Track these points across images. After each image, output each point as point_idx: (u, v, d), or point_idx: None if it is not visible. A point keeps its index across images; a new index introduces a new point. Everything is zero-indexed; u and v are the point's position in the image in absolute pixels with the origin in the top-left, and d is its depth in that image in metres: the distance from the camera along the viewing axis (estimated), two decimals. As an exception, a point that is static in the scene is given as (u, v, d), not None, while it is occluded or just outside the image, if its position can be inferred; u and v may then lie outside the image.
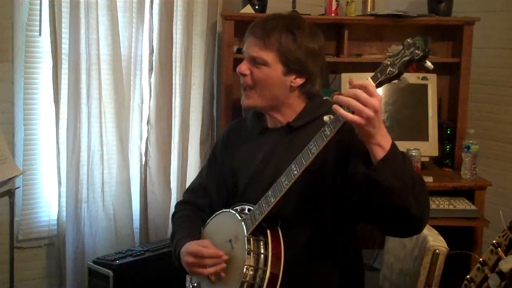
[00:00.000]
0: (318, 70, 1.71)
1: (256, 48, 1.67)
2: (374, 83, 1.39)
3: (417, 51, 1.38)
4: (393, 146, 1.41)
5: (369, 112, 1.34)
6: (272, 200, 1.55)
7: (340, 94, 1.41)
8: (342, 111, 1.36)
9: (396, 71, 1.39)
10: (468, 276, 1.10)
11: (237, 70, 1.72)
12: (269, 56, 1.66)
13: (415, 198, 1.42)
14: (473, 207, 2.82)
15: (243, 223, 1.62)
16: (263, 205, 1.58)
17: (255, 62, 1.68)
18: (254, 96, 1.71)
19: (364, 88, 1.36)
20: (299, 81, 1.69)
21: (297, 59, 1.66)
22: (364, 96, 1.35)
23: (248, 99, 1.72)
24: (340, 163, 1.57)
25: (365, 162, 1.44)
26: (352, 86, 1.38)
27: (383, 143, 1.39)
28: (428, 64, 1.40)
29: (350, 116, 1.35)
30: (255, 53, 1.67)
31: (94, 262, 2.70)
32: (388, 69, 1.39)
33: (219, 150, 1.91)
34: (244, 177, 1.79)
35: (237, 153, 1.84)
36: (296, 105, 1.73)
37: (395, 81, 1.41)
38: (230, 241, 1.67)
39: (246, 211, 1.68)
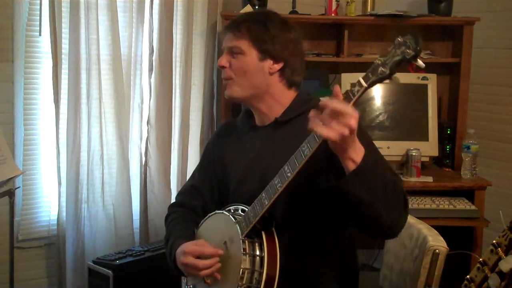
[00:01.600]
0: (297, 59, 1.74)
1: (229, 40, 1.73)
2: (366, 83, 1.37)
3: (408, 51, 1.36)
4: (365, 159, 1.40)
5: (344, 131, 1.32)
6: (266, 203, 1.55)
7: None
8: (319, 129, 1.33)
9: (388, 71, 1.37)
10: (468, 276, 1.10)
11: (217, 64, 1.76)
12: (241, 43, 1.70)
13: (386, 208, 1.44)
14: (473, 207, 2.82)
15: (237, 225, 1.62)
16: (257, 207, 1.58)
17: (232, 52, 1.73)
18: (234, 85, 1.74)
19: (339, 110, 1.32)
20: (277, 66, 1.71)
21: (270, 44, 1.70)
22: (339, 117, 1.32)
23: (230, 89, 1.75)
24: (330, 161, 1.57)
25: (338, 172, 1.45)
26: (329, 107, 1.33)
27: (354, 157, 1.39)
28: (420, 63, 1.38)
29: (325, 133, 1.32)
30: (230, 43, 1.73)
31: (94, 262, 2.70)
32: (380, 69, 1.37)
33: (210, 151, 1.93)
34: (235, 176, 1.79)
35: (227, 153, 1.85)
36: (280, 96, 1.74)
37: (387, 80, 1.40)
38: (225, 243, 1.67)
39: (240, 211, 1.68)
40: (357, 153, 1.40)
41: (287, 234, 1.64)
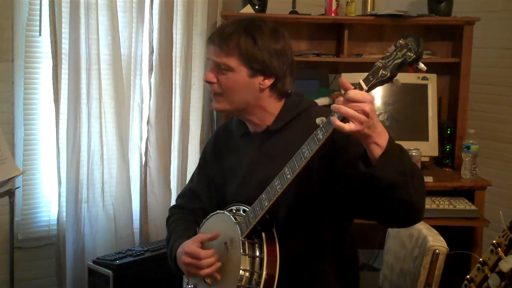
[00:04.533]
0: (287, 70, 1.68)
1: (217, 55, 1.66)
2: (366, 86, 1.36)
3: (409, 53, 1.35)
4: (390, 141, 1.40)
5: (360, 117, 1.32)
6: (266, 204, 1.54)
7: (340, 94, 1.40)
8: (338, 122, 1.34)
9: (388, 74, 1.36)
10: (468, 276, 1.10)
11: (203, 78, 1.70)
12: (231, 61, 1.64)
13: (415, 189, 1.43)
14: (473, 207, 2.82)
15: (237, 226, 1.62)
16: (257, 208, 1.57)
17: (220, 68, 1.66)
18: (222, 100, 1.69)
19: (352, 96, 1.33)
20: (268, 82, 1.66)
21: (260, 61, 1.63)
22: (353, 104, 1.33)
23: (217, 103, 1.70)
24: (325, 162, 1.56)
25: (356, 160, 1.43)
26: (341, 94, 1.36)
27: (379, 140, 1.38)
28: (421, 65, 1.37)
29: (346, 127, 1.33)
30: (218, 59, 1.65)
31: (94, 262, 2.70)
32: (380, 72, 1.36)
33: (208, 155, 1.91)
34: (233, 182, 1.78)
35: (225, 158, 1.84)
36: (270, 107, 1.70)
37: (388, 83, 1.39)
38: (225, 243, 1.67)
39: (241, 211, 1.67)
40: (381, 137, 1.38)
41: (289, 238, 1.63)
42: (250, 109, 1.70)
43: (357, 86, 1.37)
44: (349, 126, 1.33)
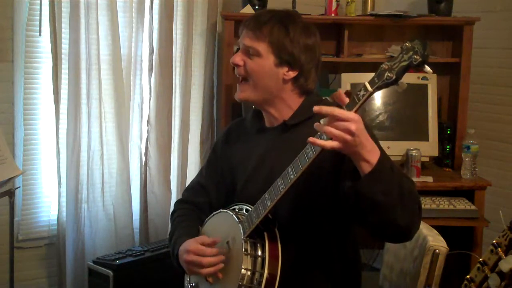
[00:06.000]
0: (312, 67, 1.71)
1: (249, 39, 1.69)
2: (372, 88, 1.37)
3: (415, 56, 1.35)
4: (381, 160, 1.40)
5: (345, 136, 1.33)
6: (269, 204, 1.55)
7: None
8: (319, 141, 1.36)
9: (394, 77, 1.36)
10: (468, 276, 1.10)
11: (231, 60, 1.74)
12: (261, 46, 1.67)
13: (402, 210, 1.42)
14: (473, 207, 2.82)
15: (240, 225, 1.62)
16: (260, 208, 1.58)
17: (249, 53, 1.69)
18: (247, 89, 1.71)
19: (335, 116, 1.34)
20: (292, 74, 1.69)
21: (289, 51, 1.67)
22: (337, 123, 1.33)
23: (242, 92, 1.73)
24: (337, 165, 1.57)
25: (353, 174, 1.44)
26: (329, 114, 1.35)
27: (369, 158, 1.39)
28: (427, 69, 1.37)
29: (328, 144, 1.34)
30: (248, 43, 1.69)
31: (94, 262, 2.70)
32: (386, 74, 1.36)
33: (219, 149, 1.92)
34: (242, 176, 1.79)
35: (235, 152, 1.85)
36: (291, 101, 1.72)
37: (394, 86, 1.39)
38: (227, 242, 1.67)
39: (244, 211, 1.68)
40: (371, 154, 1.39)
41: (291, 239, 1.63)
42: (271, 100, 1.72)
43: (362, 88, 1.37)
44: (330, 144, 1.35)
